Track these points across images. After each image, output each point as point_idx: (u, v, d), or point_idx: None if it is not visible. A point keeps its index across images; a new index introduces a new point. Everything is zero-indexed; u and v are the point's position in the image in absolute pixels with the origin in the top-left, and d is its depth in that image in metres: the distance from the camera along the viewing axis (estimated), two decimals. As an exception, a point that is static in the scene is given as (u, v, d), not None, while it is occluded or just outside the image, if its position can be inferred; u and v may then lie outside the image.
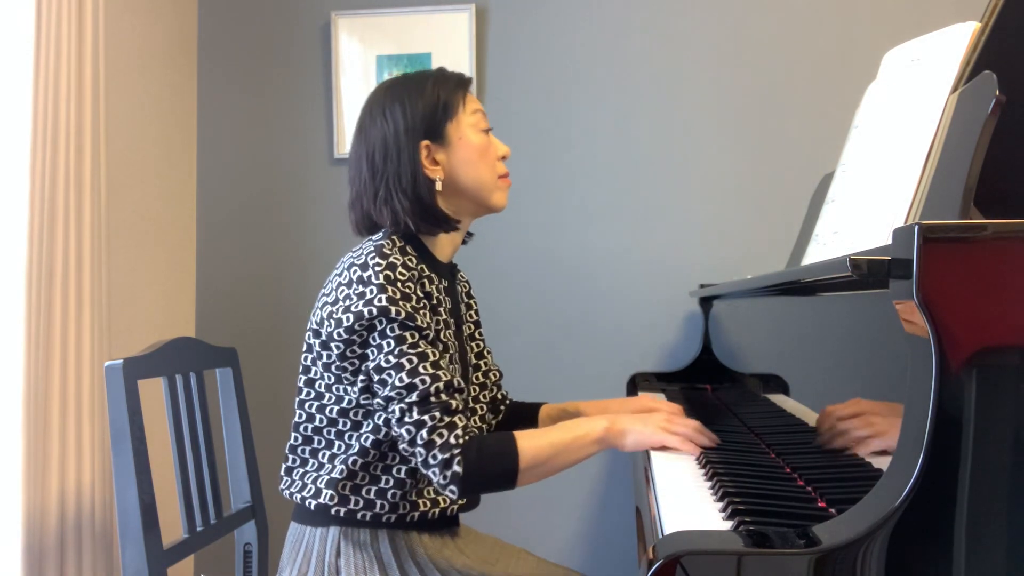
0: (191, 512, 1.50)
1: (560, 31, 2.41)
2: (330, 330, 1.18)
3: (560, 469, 1.18)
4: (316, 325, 1.23)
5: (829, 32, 2.30)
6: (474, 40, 2.40)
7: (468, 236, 1.39)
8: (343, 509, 1.21)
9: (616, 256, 2.39)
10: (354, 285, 1.17)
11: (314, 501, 1.22)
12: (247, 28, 2.56)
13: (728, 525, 0.87)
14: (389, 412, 1.15)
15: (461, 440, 1.12)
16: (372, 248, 1.20)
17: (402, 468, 1.22)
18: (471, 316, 1.45)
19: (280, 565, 1.28)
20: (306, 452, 1.27)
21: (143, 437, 1.36)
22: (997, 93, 0.82)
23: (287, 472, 1.29)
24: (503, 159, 1.33)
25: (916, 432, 0.68)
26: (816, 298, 1.09)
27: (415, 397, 1.13)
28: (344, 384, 1.22)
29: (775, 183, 2.32)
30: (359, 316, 1.15)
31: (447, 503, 1.27)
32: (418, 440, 1.12)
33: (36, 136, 1.79)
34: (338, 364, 1.20)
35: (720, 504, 0.95)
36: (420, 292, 1.20)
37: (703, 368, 2.16)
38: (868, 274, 0.73)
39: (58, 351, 1.84)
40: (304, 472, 1.26)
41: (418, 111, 1.25)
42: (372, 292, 1.15)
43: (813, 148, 2.29)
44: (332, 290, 1.21)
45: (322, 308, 1.21)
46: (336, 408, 1.23)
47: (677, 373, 2.20)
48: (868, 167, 1.14)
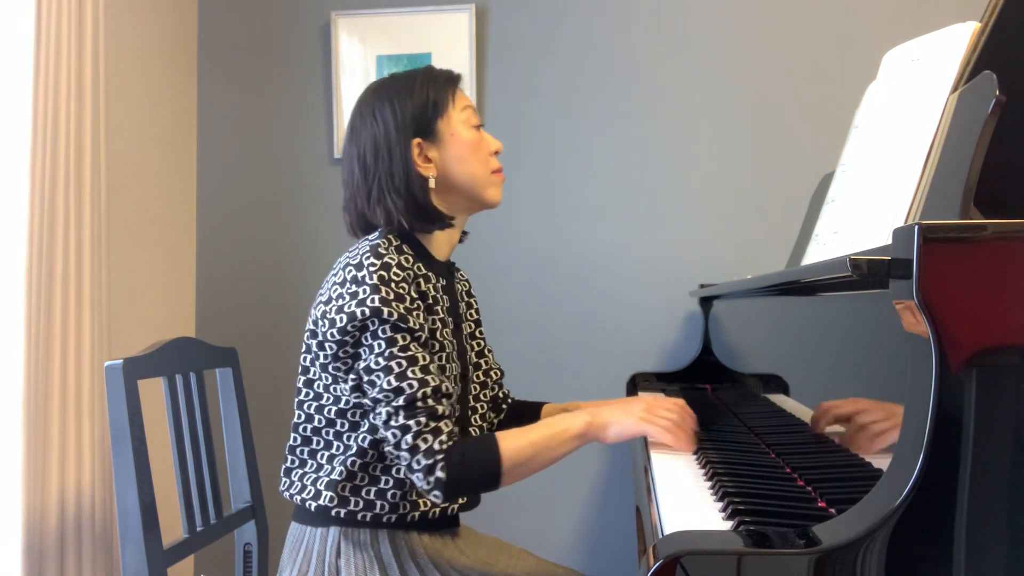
0: (191, 512, 1.50)
1: (560, 31, 2.41)
2: (324, 330, 1.19)
3: (545, 466, 1.18)
4: (313, 325, 1.23)
5: (829, 32, 2.30)
6: (474, 40, 2.40)
7: (463, 235, 1.39)
8: (343, 510, 1.21)
9: (616, 256, 2.39)
10: (348, 285, 1.17)
11: (314, 503, 1.22)
12: (247, 28, 2.56)
13: (728, 525, 0.87)
14: (376, 414, 1.15)
15: (445, 446, 1.12)
16: (368, 248, 1.20)
17: (402, 470, 1.23)
18: (471, 315, 1.45)
19: (280, 565, 1.28)
20: (305, 453, 1.27)
21: (143, 437, 1.36)
22: (997, 93, 0.82)
23: (286, 473, 1.28)
24: (496, 154, 1.33)
25: (916, 432, 0.68)
26: (816, 298, 1.09)
27: (402, 401, 1.13)
28: (340, 384, 1.22)
29: (775, 183, 2.32)
30: (352, 316, 1.15)
31: (443, 504, 1.27)
32: (403, 444, 1.12)
33: (36, 136, 1.79)
34: (333, 364, 1.20)
35: (720, 504, 0.95)
36: (415, 292, 1.20)
37: (703, 368, 2.16)
38: (868, 274, 0.73)
39: (58, 351, 1.84)
40: (303, 473, 1.26)
41: (408, 110, 1.25)
42: (365, 292, 1.15)
43: (813, 148, 2.29)
44: (328, 290, 1.21)
45: (317, 308, 1.21)
46: (334, 409, 1.23)
47: (677, 373, 2.20)
48: (868, 167, 1.14)
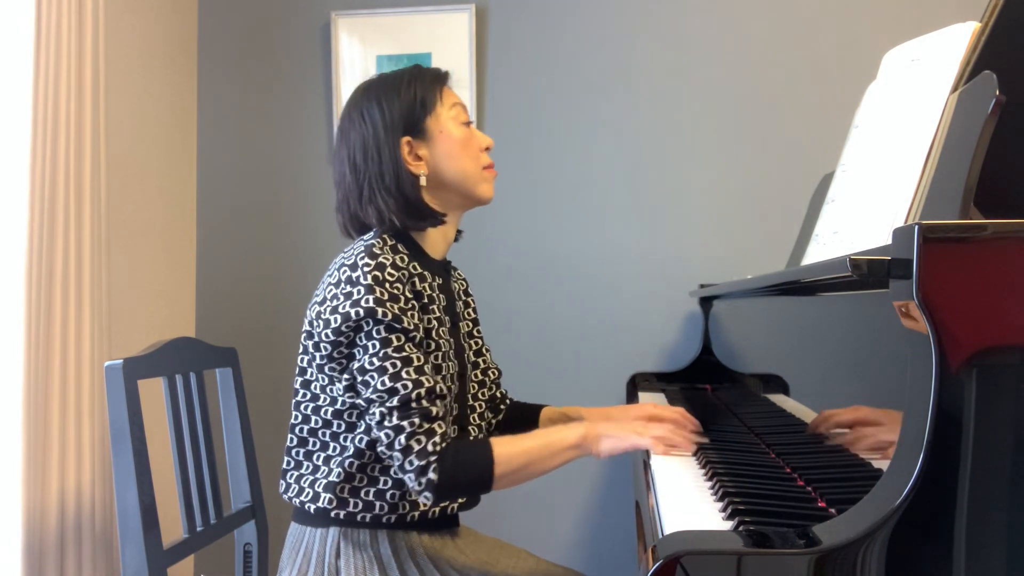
0: (191, 512, 1.50)
1: (560, 31, 2.41)
2: (319, 330, 1.19)
3: (537, 475, 1.18)
4: (308, 326, 1.23)
5: (829, 32, 2.30)
6: (474, 40, 2.40)
7: (458, 234, 1.38)
8: (343, 511, 1.21)
9: (616, 256, 2.39)
10: (342, 285, 1.17)
11: (313, 505, 1.22)
12: (247, 28, 2.56)
13: (728, 525, 0.87)
14: (370, 415, 1.15)
15: (438, 447, 1.12)
16: (362, 248, 1.20)
17: (395, 471, 1.22)
18: (469, 314, 1.45)
19: (280, 565, 1.28)
20: (302, 455, 1.27)
21: (143, 437, 1.36)
22: (997, 93, 0.82)
23: (285, 475, 1.28)
24: (486, 150, 1.33)
25: (916, 432, 0.68)
26: (816, 298, 1.09)
27: (396, 402, 1.13)
28: (336, 385, 1.22)
29: (775, 183, 2.31)
30: (346, 317, 1.15)
31: (435, 506, 1.27)
32: (396, 445, 1.12)
33: (36, 136, 1.79)
34: (328, 365, 1.20)
35: (720, 504, 0.95)
36: (409, 292, 1.20)
37: (703, 368, 2.16)
38: (868, 274, 0.73)
39: (58, 351, 1.84)
40: (301, 475, 1.26)
41: (396, 109, 1.25)
42: (360, 293, 1.15)
43: (813, 148, 2.29)
44: (323, 290, 1.21)
45: (313, 309, 1.21)
46: (331, 410, 1.23)
47: (677, 373, 2.20)
48: (868, 167, 1.14)
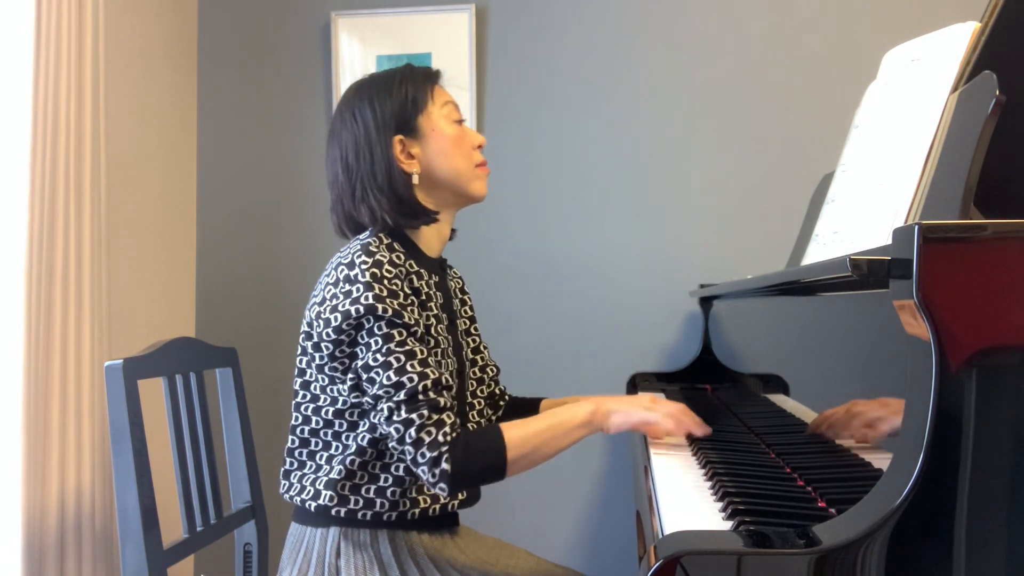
0: (191, 512, 1.50)
1: (560, 31, 2.41)
2: (319, 330, 1.19)
3: (550, 456, 1.19)
4: (307, 327, 1.23)
5: (829, 32, 2.29)
6: (474, 40, 2.40)
7: (453, 232, 1.38)
8: (343, 509, 1.21)
9: (616, 256, 2.39)
10: (341, 284, 1.17)
11: (314, 503, 1.22)
12: (247, 28, 2.55)
13: (728, 525, 0.87)
14: (378, 410, 1.15)
15: (449, 437, 1.12)
16: (359, 247, 1.20)
17: (400, 466, 1.22)
18: (466, 312, 1.45)
19: (280, 565, 1.28)
20: (304, 455, 1.27)
21: (143, 437, 1.36)
22: (997, 93, 0.82)
23: (286, 475, 1.28)
24: (479, 148, 1.33)
25: (916, 432, 0.68)
26: (816, 298, 1.09)
27: (403, 395, 1.13)
28: (338, 385, 1.22)
29: (775, 183, 2.31)
30: (347, 315, 1.15)
31: (447, 498, 1.27)
32: (407, 438, 1.12)
33: (36, 136, 1.79)
34: (330, 365, 1.20)
35: (720, 504, 0.95)
36: (408, 288, 1.20)
37: (703, 368, 2.16)
38: (868, 274, 0.73)
39: (58, 351, 1.84)
40: (303, 475, 1.26)
41: (387, 108, 1.26)
42: (359, 290, 1.15)
43: (813, 148, 2.29)
44: (321, 291, 1.21)
45: (311, 309, 1.21)
46: (332, 409, 1.23)
47: (677, 373, 2.20)
48: (868, 167, 1.14)
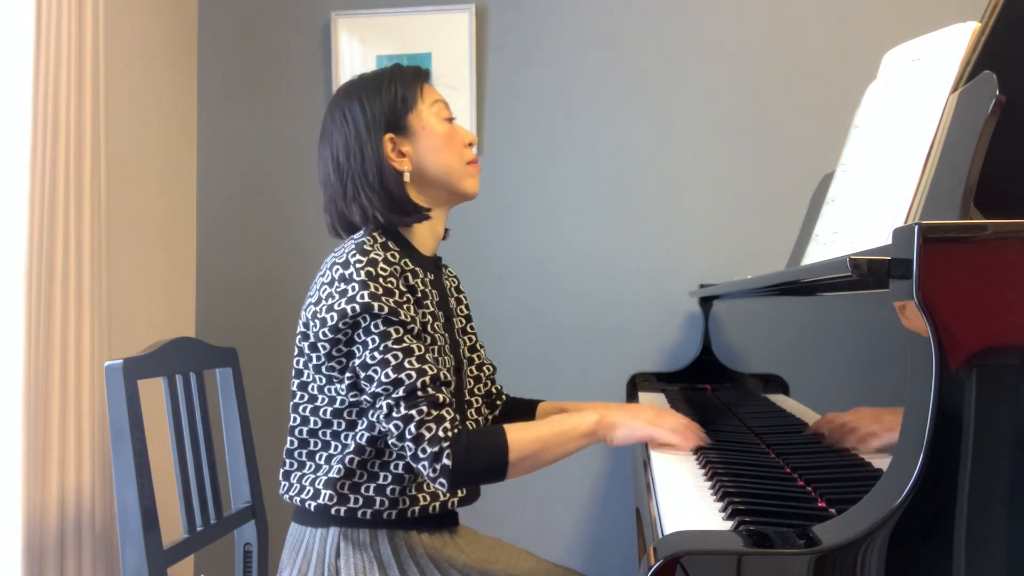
0: (191, 512, 1.50)
1: (560, 31, 2.41)
2: (316, 330, 1.19)
3: (550, 462, 1.18)
4: (303, 328, 1.23)
5: (829, 32, 2.29)
6: (474, 40, 2.40)
7: (446, 232, 1.38)
8: (343, 508, 1.21)
9: (616, 256, 2.38)
10: (336, 283, 1.17)
11: (313, 503, 1.22)
12: (247, 28, 2.55)
13: (728, 525, 0.87)
14: (377, 408, 1.15)
15: (450, 433, 1.12)
16: (353, 246, 1.20)
17: (399, 464, 1.22)
18: (461, 310, 1.46)
19: (280, 566, 1.28)
20: (303, 455, 1.27)
21: (143, 437, 1.36)
22: (997, 93, 0.82)
23: (285, 476, 1.28)
24: (470, 146, 1.33)
25: (916, 432, 0.68)
26: (816, 298, 1.09)
27: (402, 392, 1.13)
28: (335, 384, 1.22)
29: (775, 183, 2.31)
30: (343, 314, 1.15)
31: (447, 496, 1.28)
32: (407, 435, 1.12)
33: (36, 136, 1.79)
34: (327, 364, 1.20)
35: (720, 504, 0.95)
36: (403, 286, 1.21)
37: (703, 368, 2.16)
38: (868, 274, 0.73)
39: (58, 351, 1.84)
40: (302, 475, 1.26)
41: (377, 107, 1.27)
42: (354, 289, 1.15)
43: (813, 148, 2.29)
44: (316, 291, 1.21)
45: (307, 310, 1.22)
46: (330, 409, 1.23)
47: (677, 373, 2.20)
48: (868, 167, 1.14)
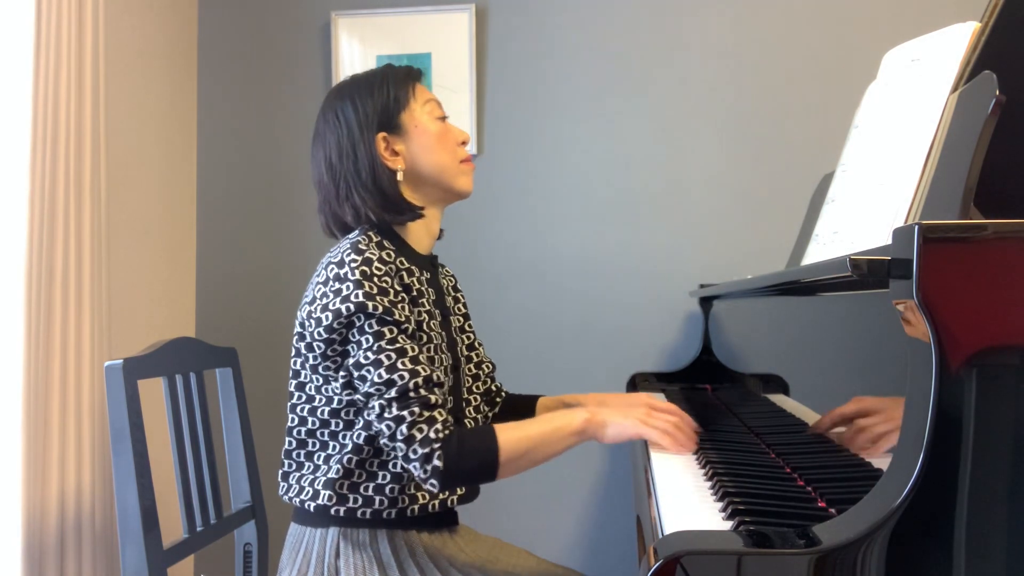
0: (191, 512, 1.50)
1: (560, 31, 2.41)
2: (311, 330, 1.19)
3: (541, 461, 1.18)
4: (300, 328, 1.23)
5: (829, 32, 2.29)
6: (474, 40, 2.40)
7: (440, 232, 1.39)
8: (343, 508, 1.21)
9: (616, 256, 2.38)
10: (331, 283, 1.18)
11: (313, 503, 1.22)
12: (247, 28, 2.56)
13: (728, 525, 0.87)
14: (369, 408, 1.16)
15: (441, 434, 1.12)
16: (348, 245, 1.21)
17: (397, 462, 1.23)
18: (459, 309, 1.46)
19: (280, 566, 1.28)
20: (301, 456, 1.27)
21: (143, 437, 1.36)
22: (997, 93, 0.82)
23: (284, 477, 1.29)
24: (463, 144, 1.34)
25: (916, 432, 0.68)
26: (816, 298, 1.09)
27: (394, 393, 1.13)
28: (332, 384, 1.22)
29: (775, 183, 2.31)
30: (337, 314, 1.15)
31: (446, 494, 1.28)
32: (398, 435, 1.13)
33: (36, 136, 1.79)
34: (323, 364, 1.20)
35: (720, 504, 0.95)
36: (398, 285, 1.21)
37: (703, 368, 2.16)
38: (868, 274, 0.73)
39: (58, 351, 1.83)
40: (301, 476, 1.26)
41: (369, 106, 1.27)
42: (349, 288, 1.15)
43: (813, 148, 2.29)
44: (312, 291, 1.21)
45: (303, 310, 1.22)
46: (327, 409, 1.23)
47: (677, 373, 2.20)
48: (868, 167, 1.14)
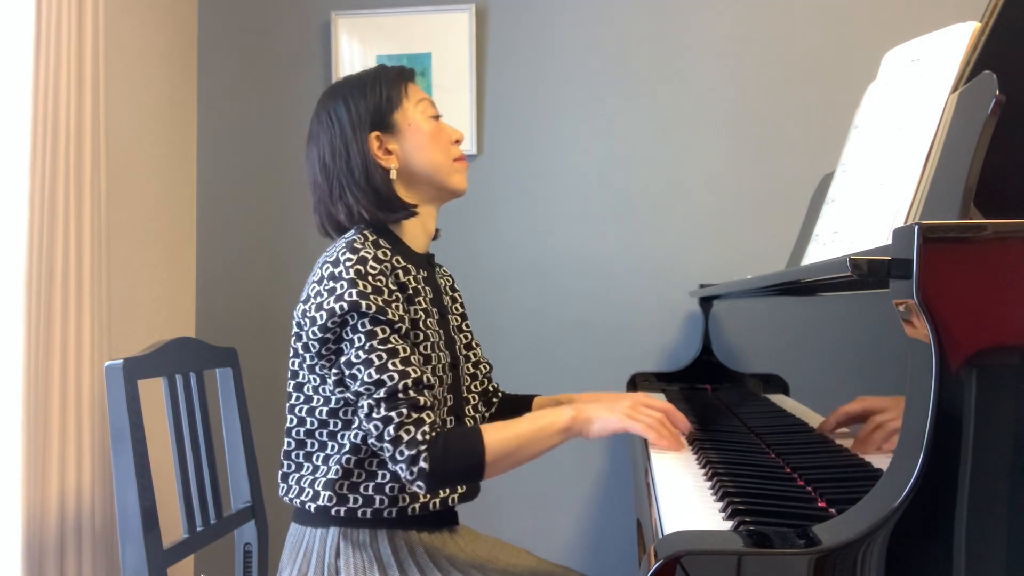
0: (191, 512, 1.50)
1: (560, 31, 2.41)
2: (307, 329, 1.19)
3: (528, 459, 1.19)
4: (297, 328, 1.24)
5: (829, 32, 2.29)
6: (474, 40, 2.40)
7: (436, 232, 1.39)
8: (343, 508, 1.21)
9: (616, 256, 2.38)
10: (326, 282, 1.18)
11: (313, 504, 1.22)
12: (247, 28, 2.55)
13: (728, 525, 0.87)
14: (359, 407, 1.16)
15: (428, 436, 1.13)
16: (343, 245, 1.21)
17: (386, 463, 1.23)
18: (456, 308, 1.46)
19: (280, 566, 1.28)
20: (300, 456, 1.28)
21: (143, 437, 1.36)
22: (997, 93, 0.82)
23: (283, 478, 1.29)
24: (456, 143, 1.34)
25: (916, 432, 0.68)
26: (816, 298, 1.09)
27: (383, 393, 1.14)
28: (328, 384, 1.22)
29: (775, 183, 2.31)
30: (331, 312, 1.16)
31: (446, 492, 1.28)
32: (385, 436, 1.13)
33: (36, 136, 1.79)
34: (319, 364, 1.21)
35: (720, 504, 0.95)
36: (393, 284, 1.21)
37: (703, 368, 2.16)
38: (868, 274, 0.73)
39: (58, 351, 1.83)
40: (300, 476, 1.26)
41: (362, 106, 1.28)
42: (343, 287, 1.16)
43: (813, 148, 2.29)
44: (308, 290, 1.22)
45: (299, 309, 1.22)
46: (325, 409, 1.24)
47: (677, 373, 2.20)
48: (868, 167, 1.14)
